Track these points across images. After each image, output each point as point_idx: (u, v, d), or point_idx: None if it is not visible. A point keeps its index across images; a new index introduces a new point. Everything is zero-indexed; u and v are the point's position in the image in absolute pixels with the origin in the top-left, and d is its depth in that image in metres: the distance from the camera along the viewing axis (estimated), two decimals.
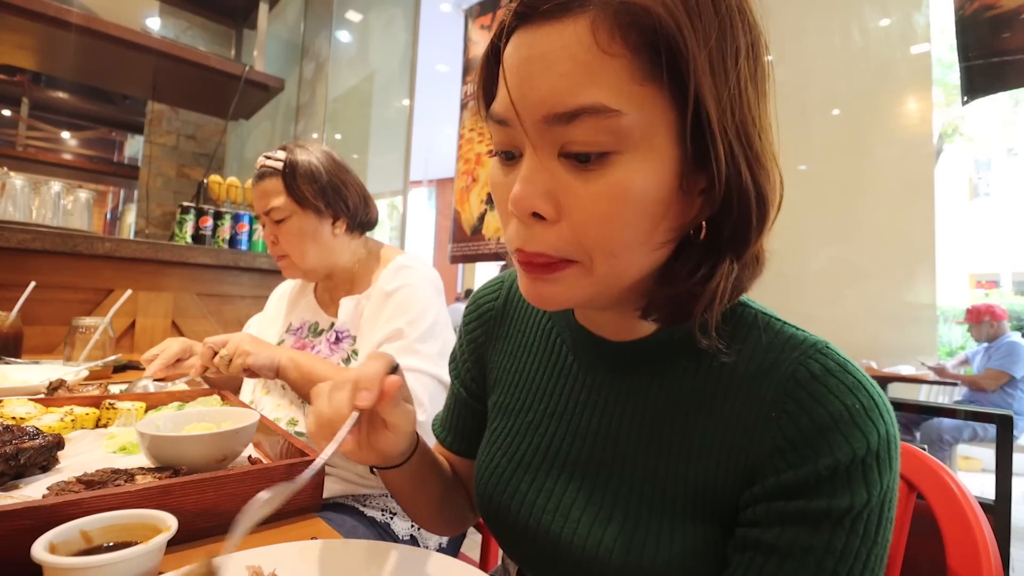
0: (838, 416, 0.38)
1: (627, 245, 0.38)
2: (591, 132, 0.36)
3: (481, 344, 0.64)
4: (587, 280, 0.40)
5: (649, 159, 0.37)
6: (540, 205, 0.38)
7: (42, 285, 1.43)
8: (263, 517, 0.39)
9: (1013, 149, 11.03)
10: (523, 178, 0.38)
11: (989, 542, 0.50)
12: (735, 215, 0.39)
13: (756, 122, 0.38)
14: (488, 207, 2.53)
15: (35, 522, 0.42)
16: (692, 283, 0.40)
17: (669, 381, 0.46)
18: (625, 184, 0.37)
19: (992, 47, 1.46)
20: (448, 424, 0.68)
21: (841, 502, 0.37)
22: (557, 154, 0.38)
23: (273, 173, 1.04)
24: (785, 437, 0.40)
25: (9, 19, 2.08)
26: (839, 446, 0.38)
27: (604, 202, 0.37)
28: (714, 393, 0.44)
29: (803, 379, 0.40)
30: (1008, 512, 1.02)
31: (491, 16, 2.66)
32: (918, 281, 2.93)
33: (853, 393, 0.39)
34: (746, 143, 0.38)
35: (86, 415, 0.79)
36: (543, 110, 0.36)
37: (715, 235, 0.40)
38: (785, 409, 0.40)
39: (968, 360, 3.77)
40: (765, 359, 0.43)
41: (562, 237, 0.38)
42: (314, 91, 3.23)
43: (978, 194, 11.37)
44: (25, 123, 4.00)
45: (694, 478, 0.43)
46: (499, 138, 0.41)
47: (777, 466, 0.40)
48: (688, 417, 0.45)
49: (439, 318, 1.01)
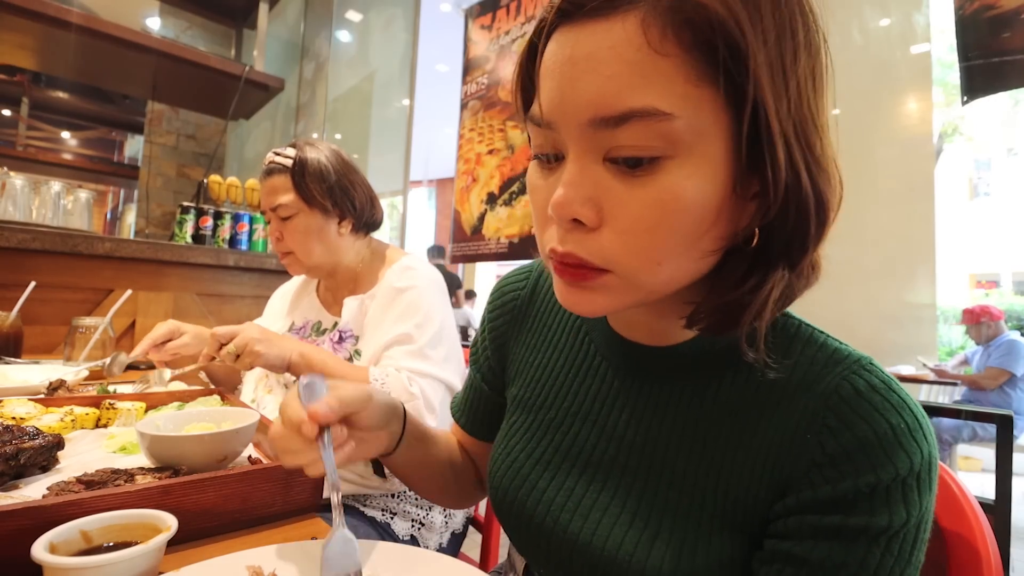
0: (882, 434, 0.37)
1: (673, 254, 0.37)
2: (640, 137, 0.34)
3: (503, 333, 0.63)
4: (627, 289, 0.38)
5: (701, 164, 0.35)
6: (582, 211, 0.36)
7: (42, 285, 1.43)
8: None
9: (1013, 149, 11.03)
10: (566, 182, 0.37)
11: (989, 542, 0.50)
12: (792, 221, 0.37)
13: (815, 122, 0.37)
14: (488, 207, 2.52)
15: (35, 522, 0.42)
16: (742, 292, 0.39)
17: (704, 390, 0.45)
18: (676, 191, 0.35)
19: (992, 47, 1.46)
20: (465, 407, 0.69)
21: (879, 520, 0.37)
22: (602, 159, 0.36)
23: (282, 170, 1.04)
24: (825, 452, 0.39)
25: (9, 19, 2.08)
26: (882, 464, 0.37)
27: (652, 209, 0.35)
28: (752, 405, 0.43)
29: (847, 395, 0.39)
30: (1008, 512, 1.02)
31: (491, 16, 2.66)
32: (918, 281, 2.93)
33: (898, 412, 0.38)
34: (806, 145, 0.36)
35: (86, 415, 0.79)
36: (588, 113, 0.35)
37: (767, 242, 0.38)
38: (826, 423, 0.39)
39: (968, 360, 3.78)
40: (808, 373, 0.41)
41: (602, 245, 0.37)
42: (314, 91, 3.23)
43: (978, 194, 11.37)
44: (25, 123, 4.00)
45: (724, 489, 0.42)
46: (539, 141, 0.40)
47: (813, 480, 0.39)
48: (723, 428, 0.43)
49: (446, 321, 1.01)
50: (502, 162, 2.48)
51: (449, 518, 1.02)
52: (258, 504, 0.55)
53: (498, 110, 2.55)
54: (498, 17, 2.62)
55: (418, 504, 0.98)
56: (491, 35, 2.65)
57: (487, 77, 2.64)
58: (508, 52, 2.54)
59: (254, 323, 0.98)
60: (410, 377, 0.91)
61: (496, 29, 2.62)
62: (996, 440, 1.14)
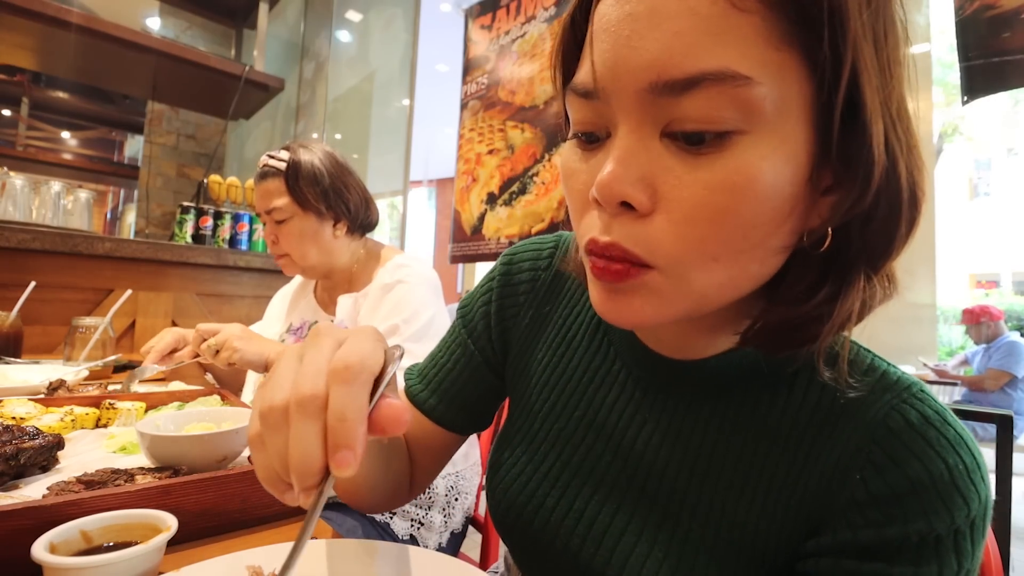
0: (937, 476, 0.32)
1: (735, 250, 0.31)
2: (711, 105, 0.29)
3: (512, 316, 0.54)
4: (673, 292, 0.33)
5: (780, 143, 0.30)
6: (632, 193, 0.31)
7: (42, 285, 1.43)
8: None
9: (1013, 149, 11.03)
10: (616, 159, 0.31)
11: (989, 542, 0.50)
12: (880, 218, 0.32)
13: (907, 104, 0.32)
14: (488, 207, 2.52)
15: (35, 522, 0.42)
16: (814, 304, 0.33)
17: (736, 411, 0.40)
18: (750, 172, 0.29)
19: (992, 47, 1.46)
20: (435, 383, 0.56)
21: (926, 572, 0.32)
22: (660, 133, 0.31)
23: (276, 173, 1.04)
24: (868, 491, 0.34)
25: (9, 19, 2.08)
26: (935, 511, 0.32)
27: (720, 195, 0.30)
28: (789, 432, 0.38)
29: (897, 427, 0.34)
30: (1008, 512, 1.02)
31: (491, 16, 2.66)
32: (918, 281, 2.93)
33: (956, 450, 0.33)
34: (904, 128, 0.31)
35: (86, 415, 0.79)
36: (650, 76, 0.29)
37: (843, 244, 0.33)
38: (871, 459, 0.34)
39: (968, 360, 3.78)
40: (853, 399, 0.36)
41: (651, 235, 0.31)
42: (314, 91, 3.23)
43: (978, 194, 11.37)
44: (25, 123, 4.00)
45: (755, 521, 0.38)
46: (581, 115, 0.34)
47: (853, 521, 0.34)
48: (755, 454, 0.39)
49: (435, 318, 1.01)
50: (502, 162, 2.48)
51: (448, 518, 1.02)
52: (258, 504, 0.55)
53: (498, 110, 2.55)
54: (498, 17, 2.62)
55: (417, 504, 0.98)
56: (491, 35, 2.65)
57: (487, 77, 2.64)
58: (508, 52, 2.54)
59: (238, 324, 1.00)
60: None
61: (496, 29, 2.62)
62: (996, 440, 1.14)
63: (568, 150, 0.37)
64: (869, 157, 0.30)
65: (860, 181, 0.31)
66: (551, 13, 2.31)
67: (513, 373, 0.54)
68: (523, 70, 2.43)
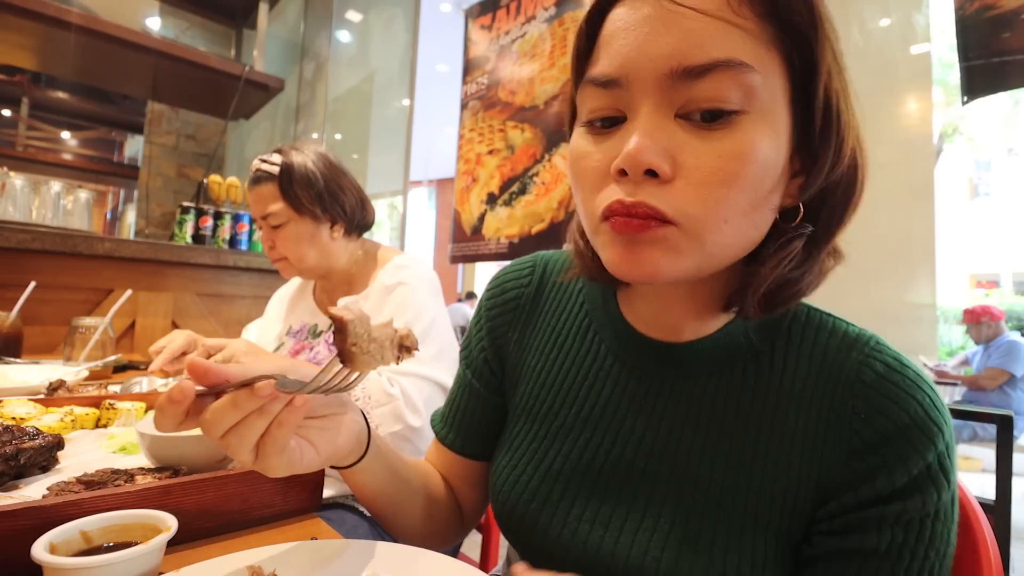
0: (914, 413, 0.39)
1: (740, 212, 0.37)
2: (722, 88, 0.35)
3: (503, 334, 0.58)
4: (689, 247, 0.37)
5: (772, 126, 0.37)
6: (658, 161, 0.36)
7: (42, 285, 1.43)
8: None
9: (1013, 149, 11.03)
10: (642, 133, 0.36)
11: (989, 542, 0.50)
12: (839, 195, 0.40)
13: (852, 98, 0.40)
14: (488, 207, 2.52)
15: (35, 522, 0.42)
16: (789, 269, 0.40)
17: (726, 386, 0.44)
18: (754, 144, 0.36)
19: (992, 47, 1.46)
20: (451, 419, 0.61)
21: (931, 497, 0.38)
22: (674, 114, 0.37)
23: (269, 178, 1.04)
24: (863, 440, 0.39)
25: (9, 19, 2.08)
26: (924, 445, 0.38)
27: (730, 161, 0.36)
28: (776, 400, 0.43)
29: (870, 380, 0.40)
30: (1008, 512, 1.02)
31: (491, 16, 2.66)
32: (918, 281, 2.92)
33: (920, 387, 0.40)
34: (855, 119, 0.40)
35: (86, 415, 0.79)
36: (671, 64, 0.35)
37: (810, 217, 0.40)
38: (856, 411, 0.40)
39: (968, 360, 3.78)
40: (825, 360, 0.42)
41: (675, 196, 0.36)
42: (314, 91, 3.23)
43: (978, 194, 11.37)
44: (25, 123, 4.00)
45: (757, 488, 0.41)
46: (600, 103, 0.39)
47: (857, 470, 0.39)
48: (748, 424, 0.43)
49: (437, 319, 1.01)
50: (502, 162, 2.48)
51: None
52: (258, 504, 0.55)
53: (498, 110, 2.55)
54: (498, 17, 2.62)
55: None
56: (491, 35, 2.65)
57: (487, 77, 2.64)
58: (508, 52, 2.54)
59: (242, 339, 0.99)
60: (390, 378, 0.90)
61: (496, 29, 2.62)
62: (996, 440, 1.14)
63: (579, 136, 0.42)
64: (839, 141, 0.38)
65: (830, 160, 0.38)
66: (551, 13, 2.31)
67: (509, 384, 0.57)
68: (523, 70, 2.42)
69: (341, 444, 0.46)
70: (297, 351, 1.10)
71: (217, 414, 0.37)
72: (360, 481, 0.52)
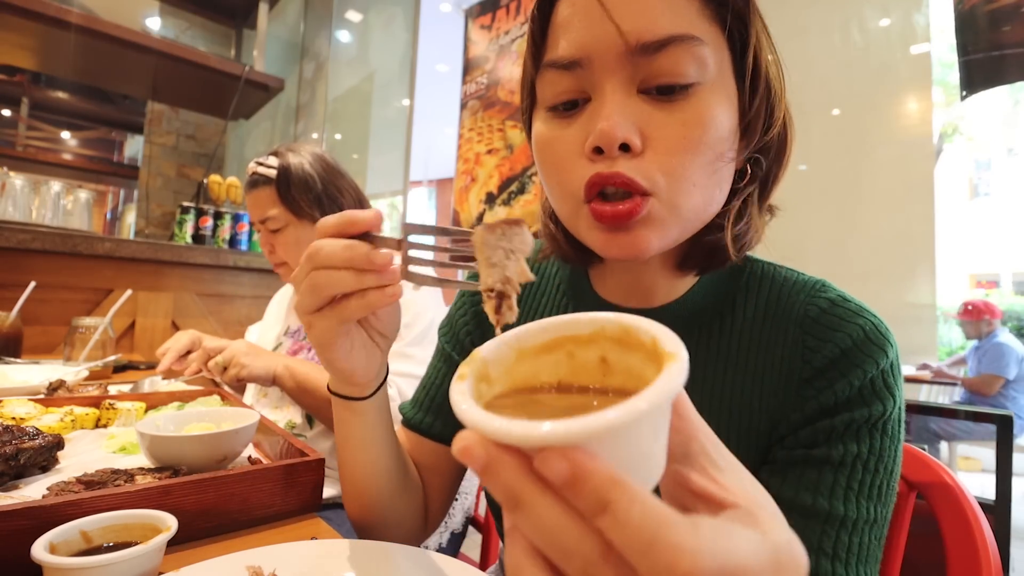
0: (857, 338, 0.42)
1: (707, 175, 0.40)
2: (679, 62, 0.38)
3: (483, 322, 0.60)
4: (668, 216, 0.40)
5: (722, 93, 0.40)
6: (630, 136, 0.38)
7: (42, 285, 1.43)
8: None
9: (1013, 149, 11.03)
10: (610, 112, 0.38)
11: (989, 542, 0.50)
12: (773, 156, 0.44)
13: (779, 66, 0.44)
14: (487, 207, 2.52)
15: (35, 522, 0.42)
16: (737, 228, 0.44)
17: (695, 344, 0.47)
18: (712, 111, 0.39)
19: (992, 41, 1.46)
20: (425, 401, 0.60)
21: (876, 409, 0.41)
22: (636, 90, 0.39)
23: (266, 181, 1.03)
24: (812, 367, 0.43)
25: (9, 19, 2.08)
26: (865, 362, 0.41)
27: (693, 127, 0.38)
28: (738, 349, 0.46)
29: (815, 315, 0.44)
30: (1008, 512, 1.01)
31: (491, 16, 2.66)
32: (918, 281, 2.92)
33: (862, 316, 0.43)
34: (783, 84, 0.43)
35: (86, 415, 0.79)
36: (630, 40, 0.38)
37: (753, 176, 0.44)
38: (806, 345, 0.44)
39: (966, 360, 3.78)
40: (777, 307, 0.46)
41: (647, 167, 0.39)
42: (314, 91, 3.23)
43: (978, 194, 11.36)
44: (25, 123, 4.00)
45: (725, 434, 0.43)
46: (562, 87, 0.41)
47: (807, 394, 0.43)
48: (717, 374, 0.46)
49: (435, 321, 1.01)
50: (501, 162, 2.48)
51: (449, 518, 1.02)
52: (258, 504, 0.55)
53: (497, 110, 2.55)
54: (498, 17, 2.62)
55: None
56: (491, 35, 2.65)
57: (487, 77, 2.63)
58: (508, 52, 2.54)
59: (243, 340, 1.00)
60: (388, 379, 0.91)
61: (496, 29, 2.62)
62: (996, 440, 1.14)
63: (543, 123, 0.44)
64: (770, 105, 0.42)
65: (764, 123, 0.42)
66: None
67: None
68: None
69: (361, 367, 0.45)
70: (295, 351, 1.10)
71: (328, 247, 0.37)
72: (356, 424, 0.50)
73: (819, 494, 0.40)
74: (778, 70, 0.44)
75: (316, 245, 0.38)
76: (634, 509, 0.17)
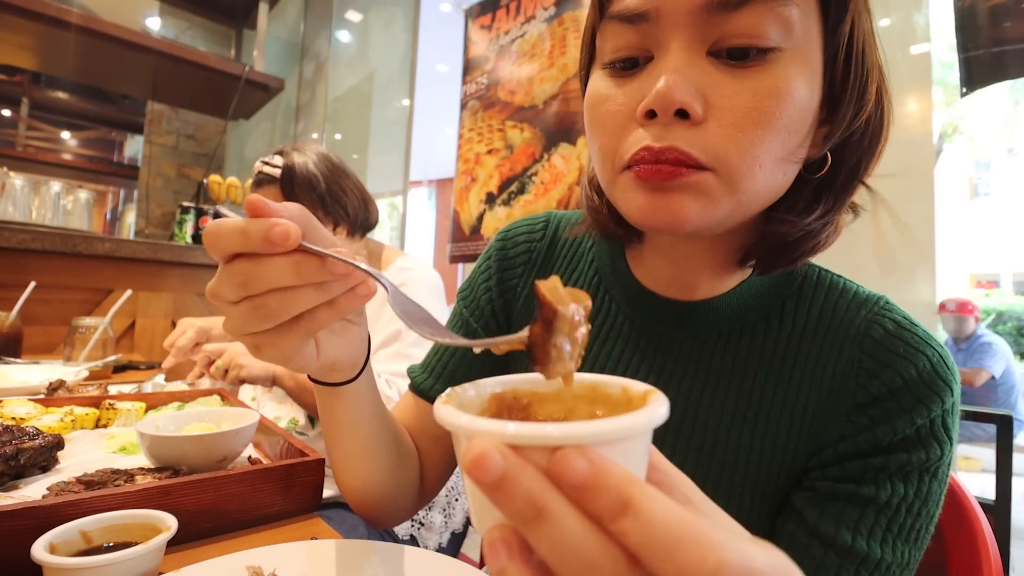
0: (922, 369, 0.38)
1: (775, 155, 0.35)
2: (760, 22, 0.33)
3: (512, 287, 0.55)
4: (722, 193, 0.35)
5: (807, 66, 0.35)
6: (690, 101, 0.33)
7: (42, 285, 1.42)
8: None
9: (1013, 149, 11.03)
10: (673, 70, 0.34)
11: (989, 542, 0.50)
12: (866, 141, 0.39)
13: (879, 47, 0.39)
14: (487, 207, 2.52)
15: (35, 522, 0.42)
16: (810, 220, 0.39)
17: (736, 344, 0.44)
18: (790, 83, 0.34)
19: (992, 37, 1.45)
20: (436, 367, 0.56)
21: (934, 452, 0.38)
22: (706, 51, 0.35)
23: (271, 181, 1.04)
24: (869, 393, 0.39)
25: (9, 19, 2.08)
26: (930, 399, 0.38)
27: (767, 99, 0.34)
28: (783, 358, 0.42)
29: (879, 336, 0.40)
30: (1008, 512, 1.01)
31: (491, 16, 2.66)
32: (918, 281, 2.93)
33: (929, 344, 0.39)
34: (880, 60, 0.38)
35: (86, 415, 0.79)
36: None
37: (834, 168, 0.39)
38: (864, 366, 0.40)
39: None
40: (834, 318, 0.42)
41: (707, 139, 0.34)
42: (314, 91, 3.23)
43: (978, 194, 11.36)
44: (25, 123, 4.00)
45: (759, 446, 0.41)
46: (623, 41, 0.37)
47: (858, 423, 0.39)
48: (754, 383, 0.42)
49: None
50: (501, 162, 2.48)
51: (449, 518, 1.02)
52: (258, 504, 0.55)
53: (497, 110, 2.55)
54: (498, 17, 2.62)
55: None
56: (491, 35, 2.65)
57: (487, 77, 2.63)
58: (508, 52, 2.54)
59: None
60: (389, 380, 0.92)
61: (496, 29, 2.62)
62: (996, 440, 1.14)
63: (598, 80, 0.39)
64: (863, 84, 0.37)
65: (855, 104, 0.37)
66: (551, 13, 2.31)
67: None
68: (523, 70, 2.42)
69: (343, 354, 0.41)
70: None
71: (272, 270, 0.32)
72: (343, 408, 0.46)
73: (858, 534, 0.38)
74: (875, 43, 0.38)
75: (249, 271, 0.33)
76: (656, 506, 0.16)
